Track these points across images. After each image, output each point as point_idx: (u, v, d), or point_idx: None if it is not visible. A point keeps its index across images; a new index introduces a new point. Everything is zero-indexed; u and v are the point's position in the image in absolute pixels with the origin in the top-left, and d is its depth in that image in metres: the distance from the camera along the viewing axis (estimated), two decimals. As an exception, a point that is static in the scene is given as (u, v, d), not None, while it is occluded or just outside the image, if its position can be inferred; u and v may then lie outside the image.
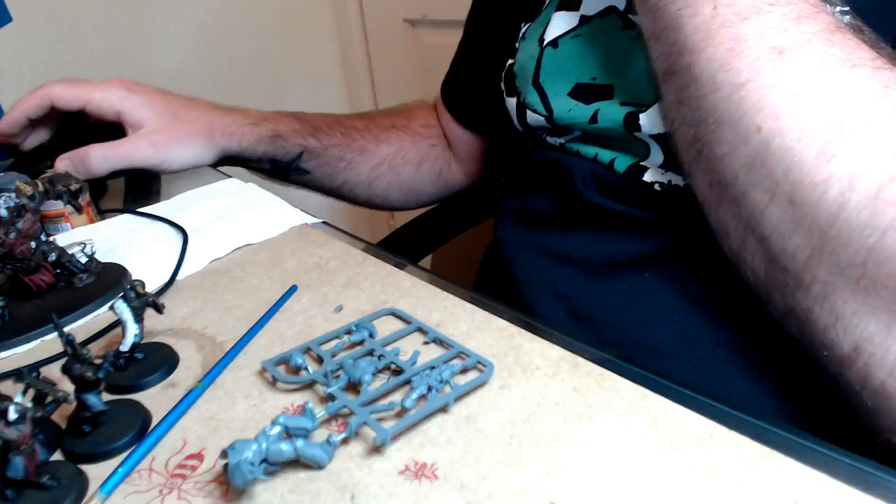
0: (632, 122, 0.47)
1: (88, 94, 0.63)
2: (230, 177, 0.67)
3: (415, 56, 1.43)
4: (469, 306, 0.42)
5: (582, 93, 0.52)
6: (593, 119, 0.50)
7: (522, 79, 0.57)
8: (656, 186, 0.47)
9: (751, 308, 0.42)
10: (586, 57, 0.52)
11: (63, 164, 0.60)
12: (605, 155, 0.51)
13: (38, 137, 0.66)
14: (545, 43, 0.54)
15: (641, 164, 0.48)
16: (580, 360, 0.37)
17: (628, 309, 0.48)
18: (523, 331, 0.39)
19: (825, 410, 0.41)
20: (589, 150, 0.52)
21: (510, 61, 0.60)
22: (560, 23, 0.54)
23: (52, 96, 0.62)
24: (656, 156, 0.47)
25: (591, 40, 0.52)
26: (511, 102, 0.59)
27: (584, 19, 0.53)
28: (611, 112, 0.49)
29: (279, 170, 0.72)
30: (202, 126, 0.65)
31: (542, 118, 0.55)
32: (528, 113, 0.56)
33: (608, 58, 0.51)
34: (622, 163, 0.49)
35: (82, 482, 0.31)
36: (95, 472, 0.32)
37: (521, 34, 0.59)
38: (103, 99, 0.63)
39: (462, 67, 0.78)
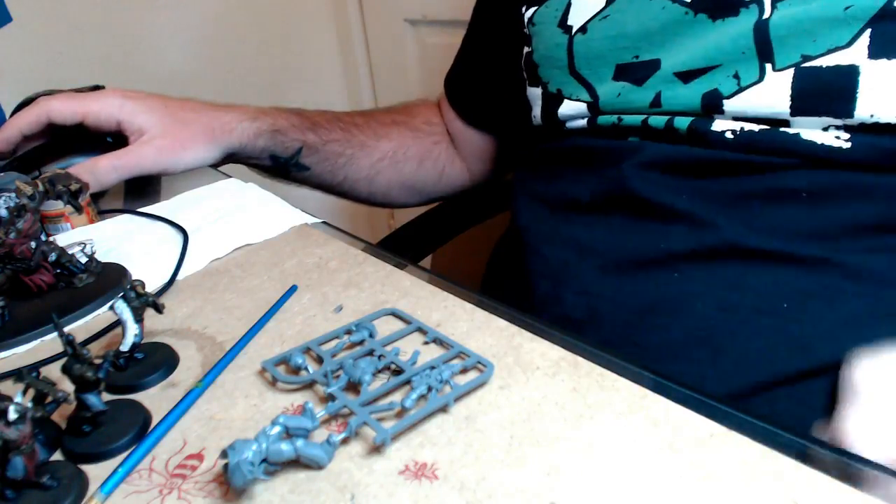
0: (713, 104, 0.46)
1: (85, 106, 0.62)
2: (230, 177, 0.67)
3: (415, 56, 1.43)
4: (469, 306, 0.42)
5: (627, 73, 0.51)
6: (654, 105, 0.49)
7: (550, 68, 0.55)
8: (728, 135, 0.47)
9: (784, 316, 0.42)
10: (620, 36, 0.51)
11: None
12: (661, 120, 0.49)
13: (32, 144, 0.66)
14: (574, 30, 0.53)
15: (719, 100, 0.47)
16: (580, 360, 0.36)
17: (652, 310, 0.47)
18: (523, 331, 0.39)
19: None
20: (658, 121, 0.50)
21: (527, 49, 0.59)
22: (583, 6, 0.53)
23: (49, 112, 0.61)
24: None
25: (621, 18, 0.51)
26: (534, 92, 0.58)
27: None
28: (674, 90, 0.48)
29: (279, 166, 0.72)
30: (202, 126, 0.65)
31: (583, 105, 0.53)
32: (565, 102, 0.55)
33: (645, 31, 0.50)
34: (683, 121, 0.48)
35: (82, 482, 0.31)
36: (95, 472, 0.32)
37: (527, 19, 0.58)
38: (101, 109, 0.63)
39: (468, 63, 0.77)
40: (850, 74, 0.43)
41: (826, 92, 0.44)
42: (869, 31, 0.42)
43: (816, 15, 0.43)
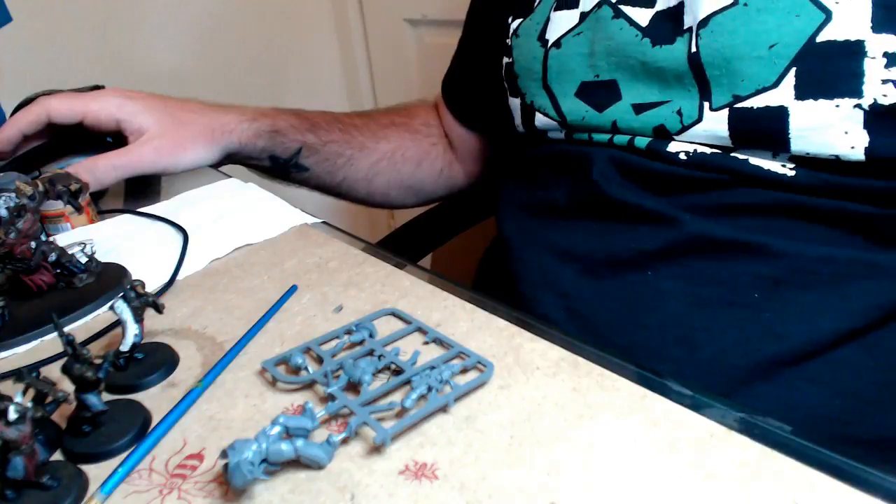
0: (664, 134, 0.48)
1: (85, 106, 0.62)
2: (230, 177, 0.67)
3: (415, 56, 1.43)
4: (469, 306, 0.42)
5: (588, 92, 0.52)
6: (613, 129, 0.50)
7: (527, 80, 0.56)
8: (682, 156, 0.47)
9: (757, 305, 0.42)
10: (588, 54, 0.52)
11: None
12: (624, 139, 0.51)
13: (32, 144, 0.66)
14: (549, 44, 0.54)
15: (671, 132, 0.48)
16: (580, 360, 0.37)
17: (630, 310, 0.48)
18: (523, 331, 0.39)
19: (832, 420, 0.41)
20: (621, 139, 0.52)
21: (507, 60, 0.60)
22: (561, 22, 0.54)
23: (49, 111, 0.61)
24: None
25: (590, 36, 0.52)
26: (515, 103, 0.58)
27: (583, 16, 0.53)
28: (628, 120, 0.49)
29: (279, 167, 0.72)
30: (202, 127, 0.65)
31: (553, 122, 0.54)
32: (537, 115, 0.55)
33: (606, 51, 0.51)
34: (642, 140, 0.50)
35: (82, 482, 0.31)
36: (95, 472, 0.32)
37: (511, 31, 0.59)
38: (101, 109, 0.62)
39: (462, 66, 0.78)
40: (780, 116, 0.43)
41: (760, 131, 0.44)
42: (794, 69, 0.42)
43: (742, 52, 0.44)
